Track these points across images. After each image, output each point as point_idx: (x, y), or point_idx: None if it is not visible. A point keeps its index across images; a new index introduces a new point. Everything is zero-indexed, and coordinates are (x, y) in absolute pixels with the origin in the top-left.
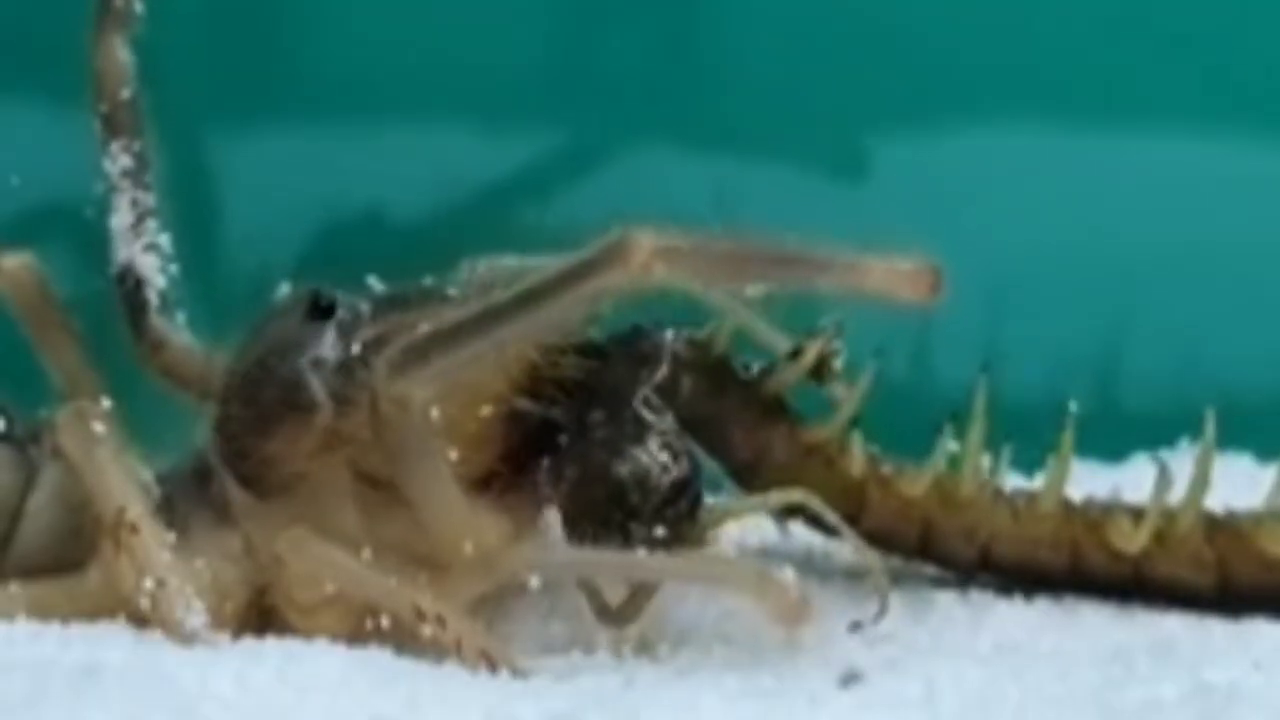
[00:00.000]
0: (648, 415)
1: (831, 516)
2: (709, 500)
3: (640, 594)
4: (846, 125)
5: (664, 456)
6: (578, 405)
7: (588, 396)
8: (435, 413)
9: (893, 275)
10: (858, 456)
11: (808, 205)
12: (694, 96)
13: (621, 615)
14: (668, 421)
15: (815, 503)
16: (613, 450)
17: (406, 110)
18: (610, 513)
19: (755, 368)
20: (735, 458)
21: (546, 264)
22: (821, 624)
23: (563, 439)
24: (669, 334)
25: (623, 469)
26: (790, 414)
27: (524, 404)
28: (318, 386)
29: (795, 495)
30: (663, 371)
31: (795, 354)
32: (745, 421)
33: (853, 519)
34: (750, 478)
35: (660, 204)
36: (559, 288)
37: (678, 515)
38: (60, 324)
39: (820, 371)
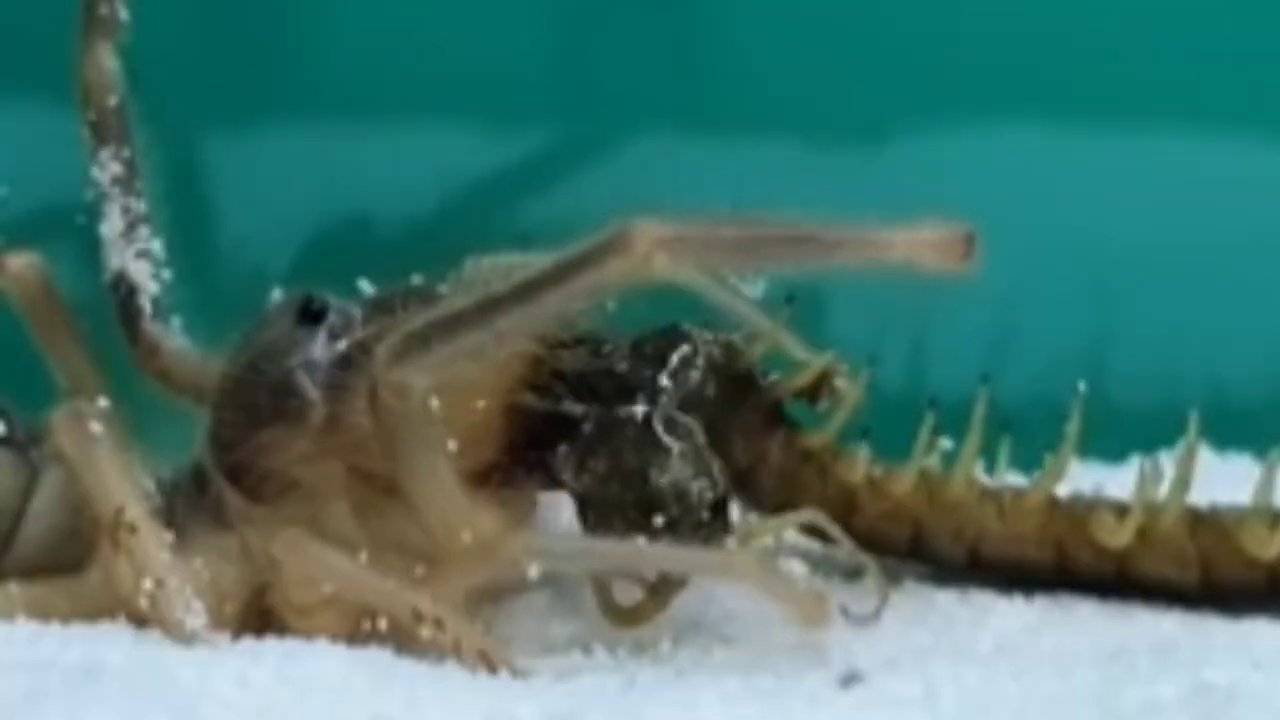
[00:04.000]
0: (681, 424)
1: (837, 532)
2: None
3: (654, 598)
4: (844, 124)
5: (706, 470)
6: (605, 399)
7: (616, 391)
8: (435, 402)
9: (919, 244)
10: (852, 462)
11: (806, 203)
12: (696, 92)
13: (632, 616)
14: (699, 431)
15: (824, 520)
16: (650, 455)
17: (405, 110)
18: (639, 517)
19: (770, 377)
20: (735, 463)
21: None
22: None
23: (586, 428)
24: (706, 336)
25: (663, 480)
26: (787, 421)
27: (528, 398)
28: (310, 388)
29: (809, 515)
30: (698, 376)
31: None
32: (747, 428)
33: (846, 522)
34: (747, 483)
35: (662, 200)
36: (560, 278)
37: (711, 532)
38: (64, 323)
39: (816, 390)
